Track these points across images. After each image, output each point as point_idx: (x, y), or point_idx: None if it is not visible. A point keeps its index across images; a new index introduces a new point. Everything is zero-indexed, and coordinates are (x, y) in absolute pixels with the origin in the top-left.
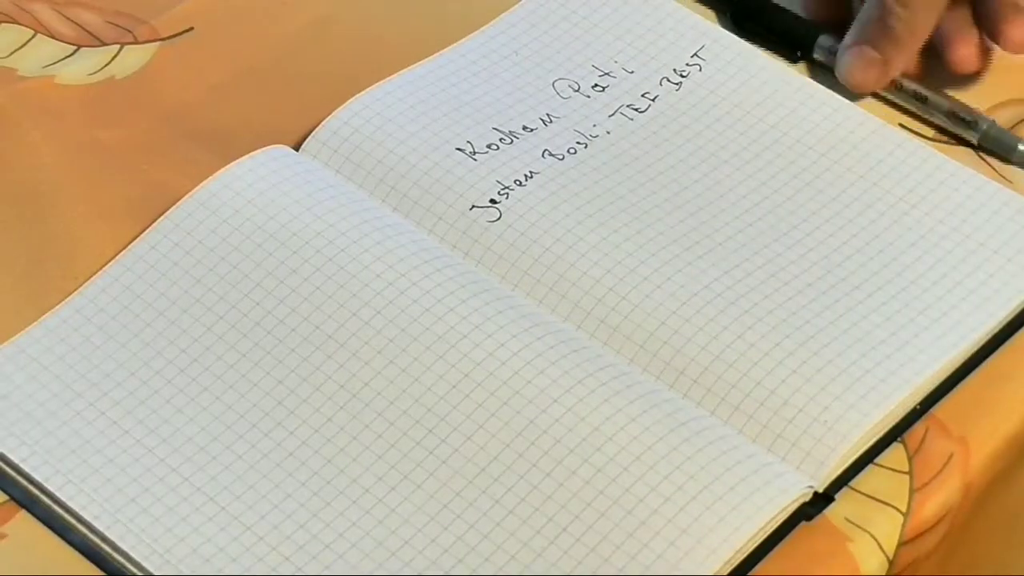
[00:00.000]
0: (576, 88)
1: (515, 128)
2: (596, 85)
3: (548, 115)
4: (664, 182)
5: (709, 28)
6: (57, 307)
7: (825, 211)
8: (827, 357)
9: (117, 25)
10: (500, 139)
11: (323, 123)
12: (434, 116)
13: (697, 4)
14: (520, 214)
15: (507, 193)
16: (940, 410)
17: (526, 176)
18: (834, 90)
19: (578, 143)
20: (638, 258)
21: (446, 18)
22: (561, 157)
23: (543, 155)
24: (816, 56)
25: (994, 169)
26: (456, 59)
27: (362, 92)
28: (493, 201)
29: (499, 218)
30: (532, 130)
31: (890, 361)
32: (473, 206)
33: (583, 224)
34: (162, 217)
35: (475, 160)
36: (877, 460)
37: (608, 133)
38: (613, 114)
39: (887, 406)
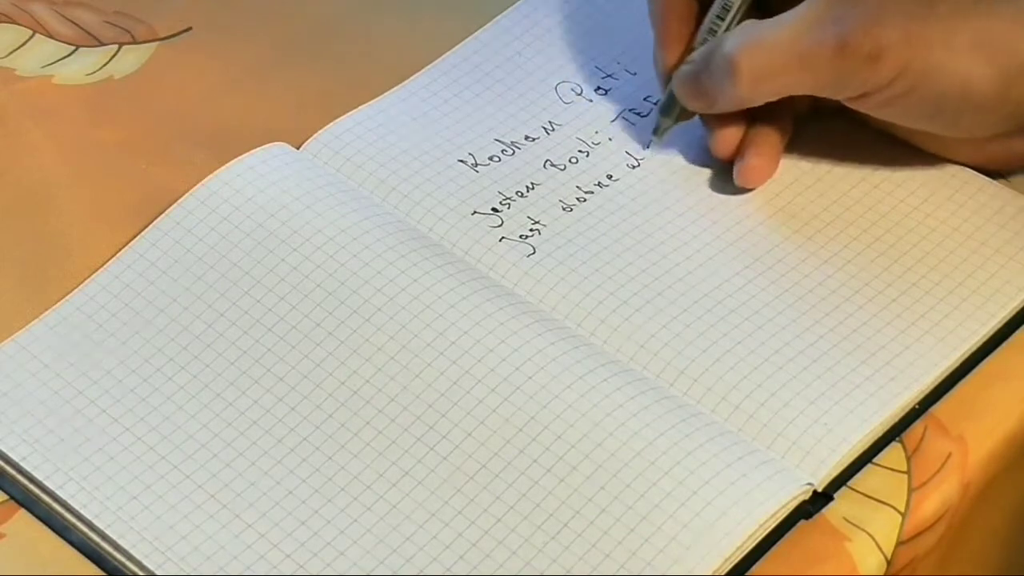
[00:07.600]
0: (579, 92)
1: (517, 138)
2: (599, 88)
3: (550, 122)
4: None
5: None
6: (57, 304)
7: (825, 214)
8: (828, 363)
9: (116, 25)
10: (502, 150)
11: (322, 130)
12: (436, 128)
13: None
14: (521, 223)
15: (508, 203)
16: (938, 409)
17: (528, 187)
18: None
19: (580, 151)
20: (638, 260)
21: (446, 17)
22: (563, 167)
23: (544, 165)
24: None
25: None
26: (459, 63)
27: (363, 105)
28: (495, 209)
29: (501, 225)
30: (534, 139)
31: (891, 367)
32: (475, 211)
33: (585, 231)
34: (163, 214)
35: (477, 172)
36: (876, 460)
37: (610, 140)
38: (615, 119)
39: (887, 411)
